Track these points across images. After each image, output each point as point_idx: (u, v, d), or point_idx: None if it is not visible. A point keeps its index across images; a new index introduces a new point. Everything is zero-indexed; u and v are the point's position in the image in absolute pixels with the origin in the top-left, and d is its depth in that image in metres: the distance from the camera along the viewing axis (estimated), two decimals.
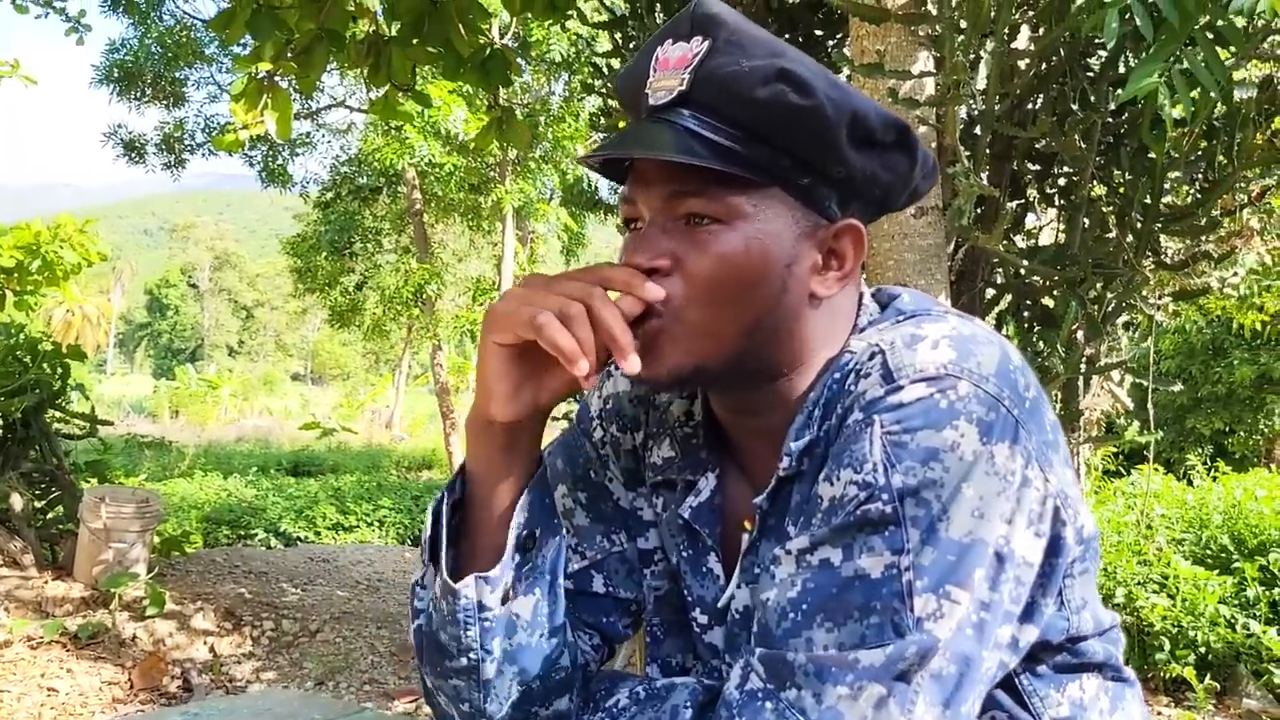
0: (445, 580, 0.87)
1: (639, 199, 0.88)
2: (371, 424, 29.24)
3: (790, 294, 0.86)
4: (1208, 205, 3.39)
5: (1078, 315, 3.34)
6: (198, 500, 10.62)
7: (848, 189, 0.87)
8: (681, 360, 0.86)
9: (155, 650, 4.40)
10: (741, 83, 0.82)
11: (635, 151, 0.86)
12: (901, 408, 0.77)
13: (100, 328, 48.61)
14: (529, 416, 0.89)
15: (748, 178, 0.83)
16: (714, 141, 0.83)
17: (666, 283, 0.85)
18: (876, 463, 0.76)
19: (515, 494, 0.89)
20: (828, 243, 0.88)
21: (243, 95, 4.07)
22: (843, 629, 0.74)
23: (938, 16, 3.03)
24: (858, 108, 0.84)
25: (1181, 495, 5.25)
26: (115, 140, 13.52)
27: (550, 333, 0.80)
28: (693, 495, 0.97)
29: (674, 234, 0.86)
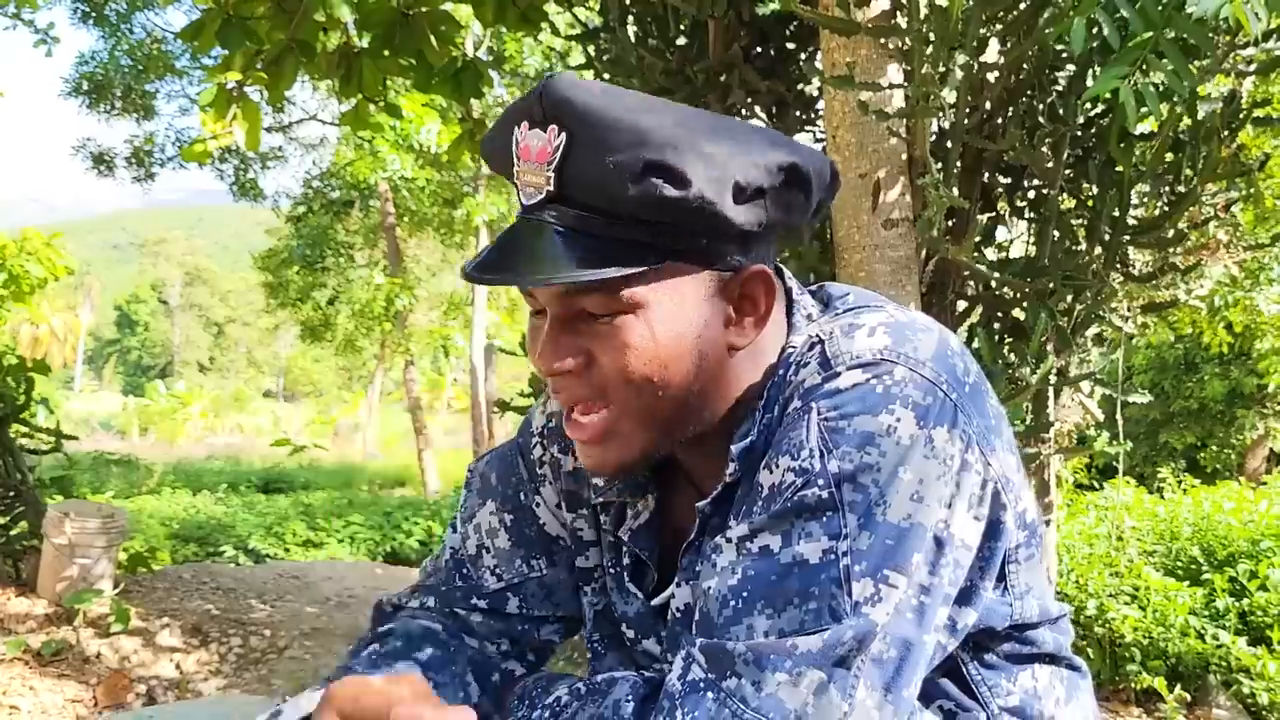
0: None
1: (537, 294, 0.86)
2: (344, 441, 29.06)
3: (709, 357, 0.86)
4: (1174, 218, 3.42)
5: (1047, 327, 3.36)
6: (166, 517, 10.49)
7: (745, 240, 0.86)
8: (629, 448, 0.87)
9: (120, 667, 4.33)
10: (610, 183, 0.79)
11: (517, 280, 0.83)
12: (838, 394, 0.79)
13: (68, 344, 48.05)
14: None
15: (639, 270, 0.81)
16: (595, 238, 0.81)
17: (585, 378, 0.85)
18: (813, 449, 0.77)
19: None
20: (736, 292, 0.87)
21: (212, 105, 4.05)
22: (782, 615, 0.74)
23: (907, 29, 3.05)
24: (739, 176, 0.81)
25: (1153, 508, 5.29)
26: (84, 153, 13.42)
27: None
28: (631, 518, 0.97)
29: (579, 330, 0.85)
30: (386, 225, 14.13)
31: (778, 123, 4.03)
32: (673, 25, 4.23)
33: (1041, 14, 3.24)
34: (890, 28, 3.12)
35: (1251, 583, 4.29)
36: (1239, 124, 3.42)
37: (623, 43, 4.20)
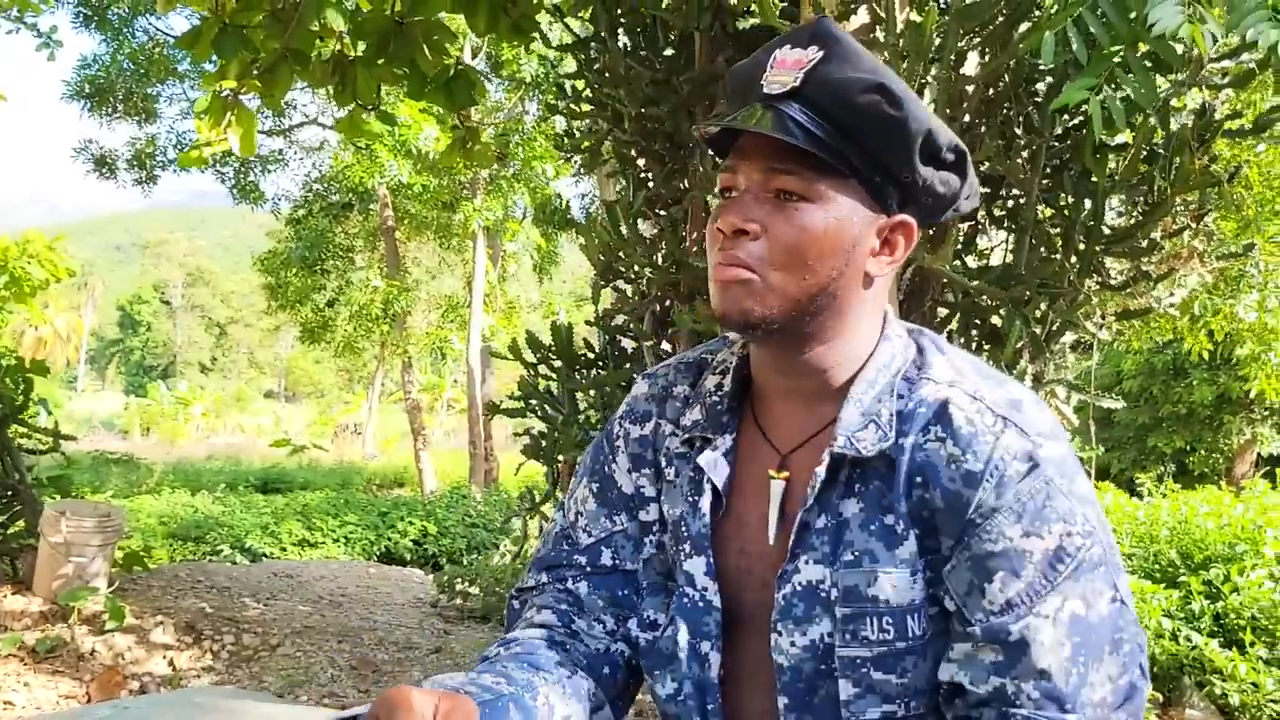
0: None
1: (740, 169, 1.02)
2: (344, 441, 29.12)
3: (851, 269, 1.01)
4: (1147, 228, 3.50)
5: (1022, 333, 3.44)
6: (164, 516, 10.57)
7: (909, 192, 1.02)
8: (754, 308, 1.00)
9: (114, 664, 4.40)
10: (846, 88, 0.97)
11: (748, 125, 0.99)
12: (1058, 463, 0.96)
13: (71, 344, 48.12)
14: None
15: (834, 166, 0.98)
16: (812, 132, 0.97)
17: (755, 245, 0.99)
18: (1080, 514, 0.94)
19: None
20: (885, 233, 1.03)
21: (207, 112, 4.12)
22: (1107, 662, 0.92)
23: (883, 43, 3.13)
24: (932, 127, 0.99)
25: (1133, 511, 5.35)
26: (86, 156, 13.49)
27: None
28: (710, 449, 1.10)
29: (765, 203, 1.00)
30: (385, 228, 14.21)
31: None
32: (661, 37, 4.31)
33: (1017, 28, 3.32)
34: (868, 42, 3.20)
35: (1225, 586, 4.36)
36: (1211, 136, 3.50)
37: (613, 53, 4.28)
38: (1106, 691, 0.90)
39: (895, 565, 0.98)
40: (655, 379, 1.21)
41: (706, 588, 1.07)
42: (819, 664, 1.00)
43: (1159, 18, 2.28)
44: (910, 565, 0.97)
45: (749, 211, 0.99)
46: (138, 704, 1.31)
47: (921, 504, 0.98)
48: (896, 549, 0.98)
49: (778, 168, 0.99)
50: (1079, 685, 0.89)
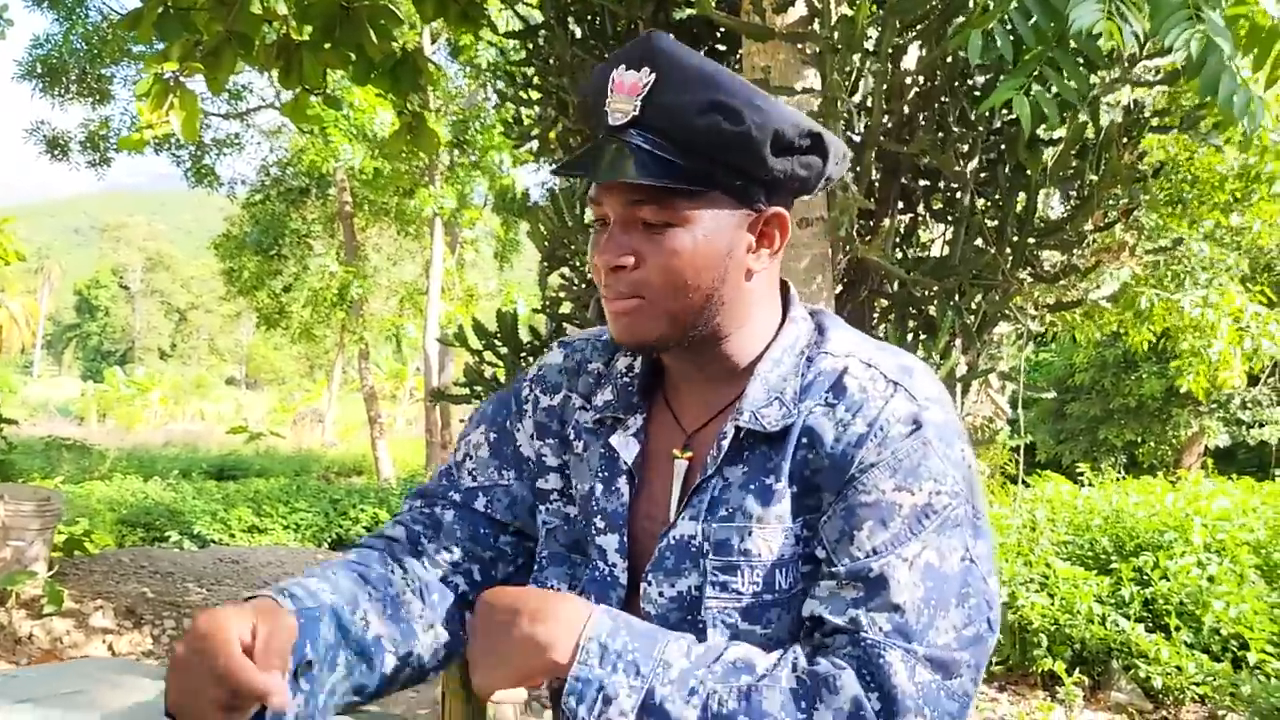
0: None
1: (604, 202, 1.06)
2: (303, 429, 28.93)
3: (731, 274, 1.06)
4: (1077, 221, 3.56)
5: (954, 324, 3.50)
6: (114, 502, 10.47)
7: (773, 186, 1.06)
8: (649, 332, 1.06)
9: (51, 648, 4.38)
10: (682, 113, 1.00)
11: (596, 175, 1.03)
12: (936, 427, 1.01)
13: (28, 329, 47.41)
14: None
15: (691, 189, 1.02)
16: (662, 159, 1.01)
17: (635, 275, 1.04)
18: (951, 475, 0.99)
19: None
20: (759, 228, 1.07)
21: (148, 94, 4.09)
22: (955, 612, 0.96)
23: (818, 36, 3.16)
24: (777, 126, 1.02)
25: (1071, 500, 5.46)
26: (38, 137, 13.29)
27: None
28: (622, 430, 1.15)
29: (635, 235, 1.05)
30: (343, 214, 14.12)
31: None
32: (609, 25, 4.33)
33: (951, 23, 3.37)
34: (804, 34, 3.24)
35: (1155, 573, 4.46)
36: (1139, 132, 3.57)
37: (560, 41, 4.29)
38: (951, 638, 0.95)
39: (769, 521, 1.03)
40: (571, 351, 1.25)
41: (616, 564, 1.11)
42: (684, 614, 1.04)
43: (1078, 16, 2.33)
44: (784, 522, 1.03)
45: (621, 245, 1.04)
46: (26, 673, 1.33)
47: (804, 464, 1.03)
48: (771, 505, 1.03)
49: (635, 199, 1.03)
50: (927, 626, 0.94)
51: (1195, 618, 4.29)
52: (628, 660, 0.94)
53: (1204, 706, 4.10)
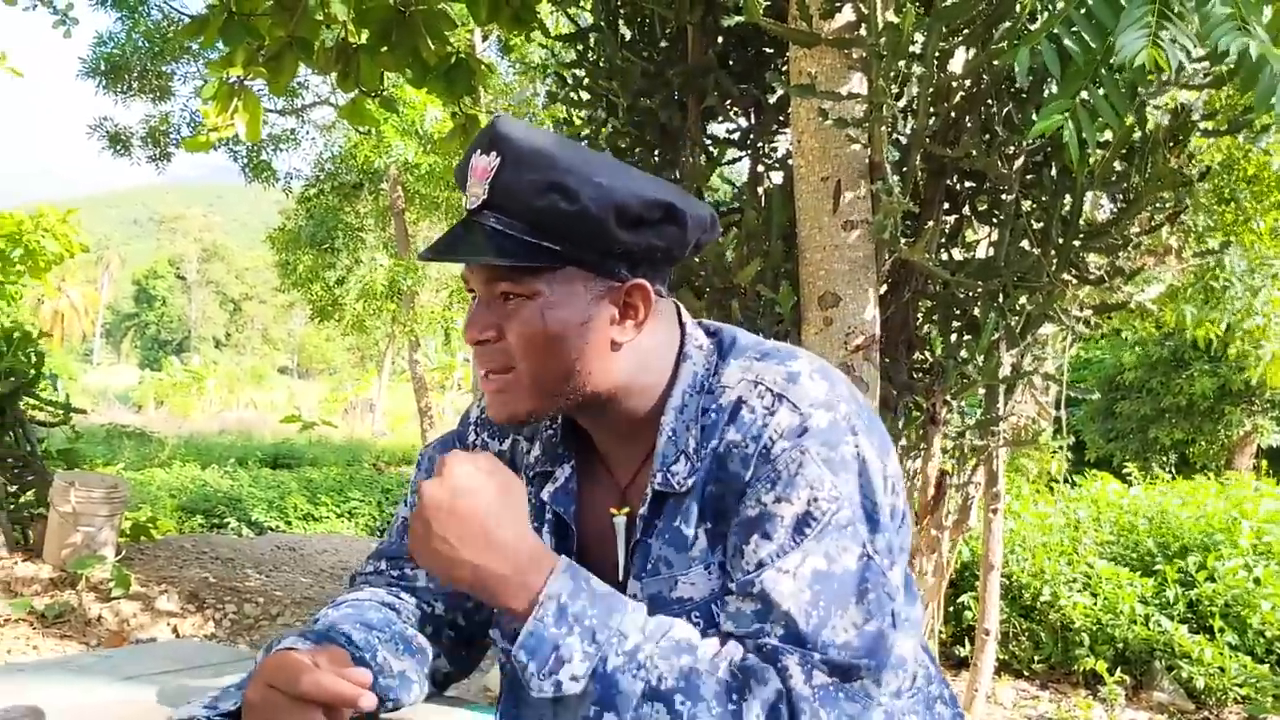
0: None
1: (470, 280, 1.11)
2: (355, 418, 29.31)
3: (591, 346, 1.08)
4: (1122, 224, 3.58)
5: (998, 325, 3.53)
6: (174, 489, 10.75)
7: (631, 258, 1.09)
8: (518, 407, 1.10)
9: (119, 630, 4.56)
10: (524, 194, 1.04)
11: (453, 258, 1.08)
12: (821, 431, 1.03)
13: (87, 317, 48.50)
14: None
15: (540, 266, 1.06)
16: (513, 238, 1.05)
17: (498, 347, 1.09)
18: (829, 481, 1.01)
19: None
20: (620, 300, 1.10)
21: (214, 98, 4.24)
22: (851, 610, 0.98)
23: (864, 41, 3.21)
24: (619, 201, 1.05)
25: (1117, 501, 5.45)
26: (101, 133, 13.62)
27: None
28: (551, 482, 1.19)
29: (496, 309, 1.09)
30: (395, 209, 14.33)
31: (756, 125, 4.18)
32: (659, 29, 4.39)
33: (997, 28, 3.40)
34: (850, 39, 3.29)
35: (1200, 574, 4.46)
36: (1185, 136, 3.58)
37: (610, 44, 4.36)
38: (851, 635, 0.96)
39: (689, 566, 1.07)
40: None
41: None
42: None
43: (1124, 44, 2.34)
44: (703, 561, 1.07)
45: (483, 320, 1.08)
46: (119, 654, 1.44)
47: (715, 499, 1.07)
48: (687, 549, 1.07)
49: (493, 276, 1.07)
50: (819, 626, 0.96)
51: (1240, 620, 4.28)
52: (585, 626, 0.96)
53: (1246, 708, 4.10)
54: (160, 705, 1.18)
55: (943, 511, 3.72)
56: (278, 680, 0.97)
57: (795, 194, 3.42)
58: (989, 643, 3.61)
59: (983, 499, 3.79)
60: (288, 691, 0.96)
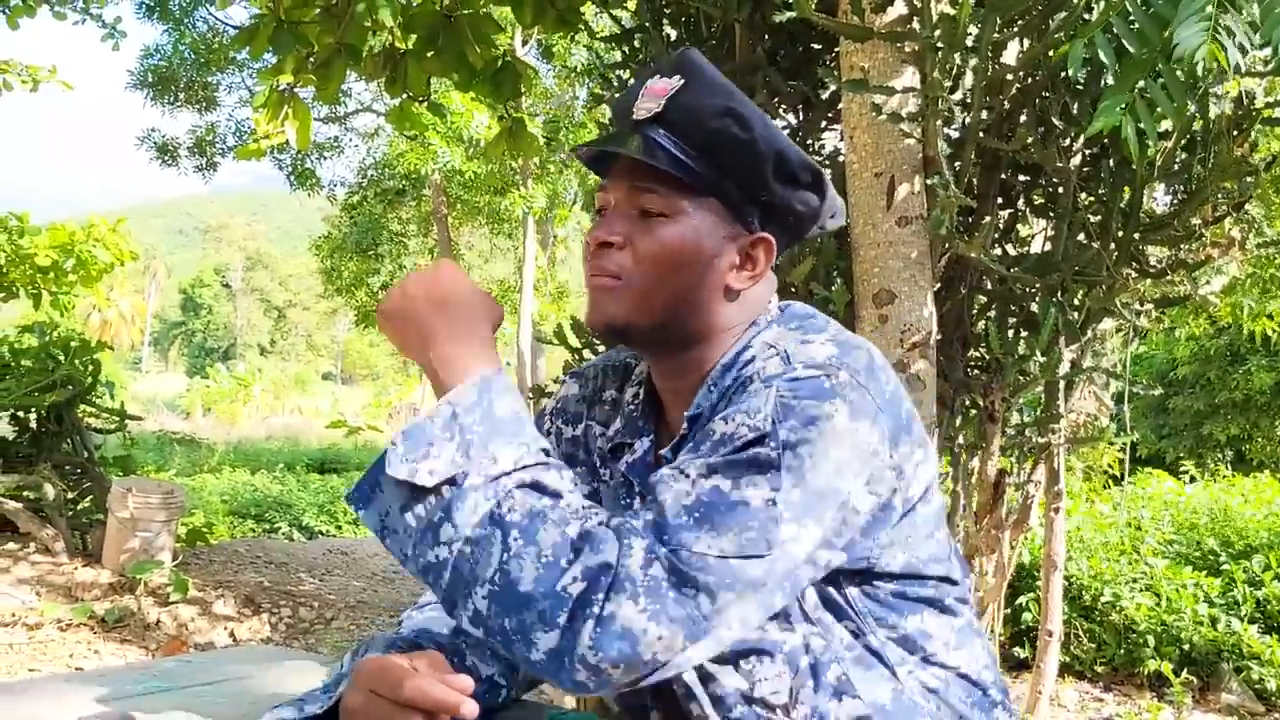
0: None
1: (610, 188, 1.13)
2: (400, 423, 29.49)
3: (709, 281, 1.11)
4: (1184, 216, 3.50)
5: (1057, 321, 3.47)
6: (225, 494, 10.88)
7: (768, 210, 1.12)
8: (618, 314, 1.11)
9: (178, 634, 4.61)
10: (700, 112, 1.09)
11: (613, 147, 1.11)
12: (796, 380, 1.00)
13: (135, 326, 49.32)
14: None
15: (692, 185, 1.08)
16: (672, 154, 1.08)
17: (619, 255, 1.10)
18: (768, 415, 0.97)
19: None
20: (745, 248, 1.13)
21: (265, 106, 4.28)
22: (724, 537, 0.92)
23: (918, 35, 3.17)
24: (783, 148, 1.09)
25: (1175, 499, 5.35)
26: (149, 144, 13.83)
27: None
28: (629, 454, 1.21)
29: (630, 220, 1.11)
30: (438, 214, 14.42)
31: (804, 121, 4.14)
32: (704, 27, 4.37)
33: (1052, 18, 3.34)
34: (903, 33, 3.24)
35: (1266, 574, 4.36)
36: (1249, 124, 3.49)
37: (656, 44, 4.35)
38: (709, 553, 0.91)
39: None
40: (585, 381, 1.31)
41: None
42: None
43: (1181, 38, 2.27)
44: None
45: (614, 226, 1.11)
46: (200, 659, 1.44)
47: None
48: None
49: (640, 186, 1.10)
50: (683, 529, 0.91)
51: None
52: (464, 439, 0.95)
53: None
54: (244, 709, 1.17)
55: (1002, 511, 3.66)
56: (380, 686, 0.96)
57: (847, 190, 3.38)
58: (1052, 644, 3.54)
59: (1044, 498, 3.73)
60: (389, 697, 0.95)
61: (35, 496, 5.52)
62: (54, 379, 5.73)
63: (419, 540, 0.94)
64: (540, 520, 0.92)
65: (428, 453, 0.94)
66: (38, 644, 4.29)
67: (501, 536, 0.91)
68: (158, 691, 1.20)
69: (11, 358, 6.04)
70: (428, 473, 0.93)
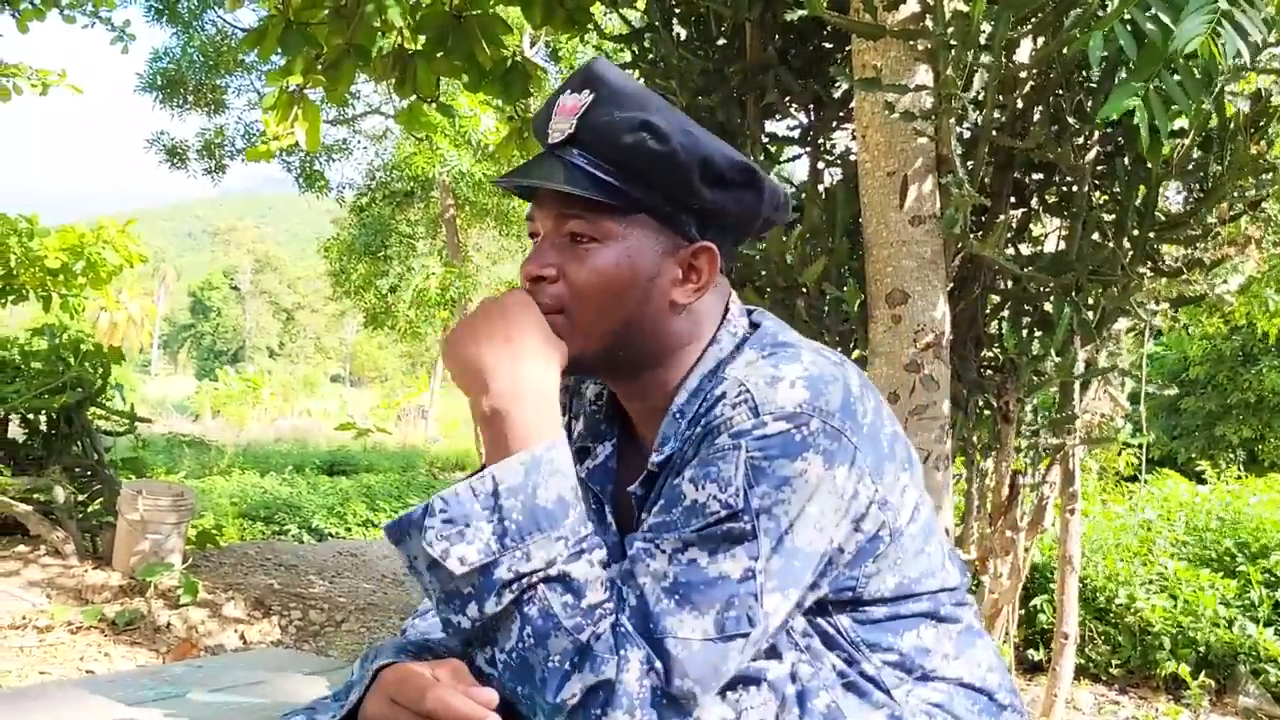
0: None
1: (537, 217, 1.09)
2: (407, 425, 29.55)
3: (653, 301, 1.07)
4: (1201, 214, 3.47)
5: (1072, 321, 3.44)
6: (235, 496, 10.89)
7: (704, 218, 1.07)
8: (566, 350, 1.06)
9: (188, 636, 4.60)
10: (612, 130, 1.03)
11: (529, 181, 1.06)
12: (765, 439, 0.96)
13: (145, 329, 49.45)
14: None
15: (618, 205, 1.03)
16: (593, 175, 1.03)
17: (554, 288, 1.06)
18: (739, 487, 0.94)
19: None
20: (687, 260, 1.08)
21: (275, 108, 4.27)
22: (707, 616, 0.93)
23: (931, 33, 3.15)
24: (707, 153, 1.04)
25: (1189, 500, 5.31)
26: (158, 146, 13.87)
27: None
28: (590, 459, 1.18)
29: (561, 249, 1.06)
30: (446, 216, 14.43)
31: (815, 121, 4.12)
32: (714, 26, 4.35)
33: (1067, 15, 3.32)
34: (916, 31, 3.22)
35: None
36: (1266, 122, 3.46)
37: (666, 44, 4.33)
38: (694, 639, 0.91)
39: None
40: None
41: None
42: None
43: (1183, 30, 2.23)
44: None
45: (545, 258, 1.06)
46: (211, 664, 1.43)
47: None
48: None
49: (566, 213, 1.05)
50: (665, 614, 0.92)
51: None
52: (504, 524, 0.93)
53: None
54: (255, 716, 1.15)
55: (1017, 512, 3.63)
56: (401, 696, 0.95)
57: (860, 190, 3.36)
58: (1068, 647, 3.51)
59: (1059, 499, 3.70)
60: (411, 707, 0.94)
61: (45, 499, 5.52)
62: (64, 381, 5.74)
63: (442, 600, 0.95)
64: (554, 625, 0.92)
65: (463, 533, 0.93)
66: (48, 647, 4.29)
67: (519, 625, 0.92)
68: (169, 697, 1.18)
69: (21, 360, 6.04)
70: (458, 559, 0.92)
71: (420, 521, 0.94)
